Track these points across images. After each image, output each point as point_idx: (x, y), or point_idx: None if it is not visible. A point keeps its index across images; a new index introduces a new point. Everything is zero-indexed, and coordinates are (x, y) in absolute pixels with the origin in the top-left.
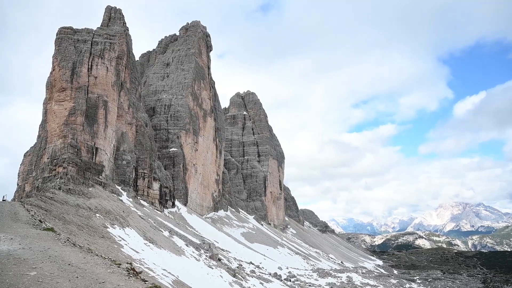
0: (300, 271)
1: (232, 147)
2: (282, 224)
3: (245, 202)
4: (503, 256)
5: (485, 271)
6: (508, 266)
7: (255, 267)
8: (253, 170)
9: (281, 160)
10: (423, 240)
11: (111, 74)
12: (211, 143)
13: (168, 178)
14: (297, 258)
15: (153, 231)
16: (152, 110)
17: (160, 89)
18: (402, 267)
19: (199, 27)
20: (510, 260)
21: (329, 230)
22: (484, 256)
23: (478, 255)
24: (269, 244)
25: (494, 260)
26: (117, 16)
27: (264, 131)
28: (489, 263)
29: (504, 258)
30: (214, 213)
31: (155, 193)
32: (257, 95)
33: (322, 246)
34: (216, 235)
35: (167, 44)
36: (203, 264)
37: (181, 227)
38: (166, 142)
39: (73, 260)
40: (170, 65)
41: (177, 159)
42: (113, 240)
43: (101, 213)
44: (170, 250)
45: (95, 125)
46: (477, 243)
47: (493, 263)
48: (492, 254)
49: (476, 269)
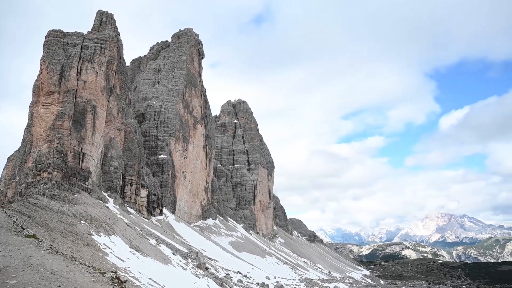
0: (288, 281)
1: (222, 155)
2: (271, 233)
3: (234, 210)
4: (486, 267)
5: (469, 282)
6: (491, 277)
7: (243, 277)
8: (243, 179)
9: (271, 169)
10: (409, 251)
11: (100, 79)
12: (201, 150)
13: (156, 185)
14: (285, 268)
15: (140, 239)
16: (142, 116)
17: (150, 95)
18: (388, 277)
19: (192, 34)
20: (493, 271)
21: (317, 240)
22: (468, 267)
23: (462, 265)
24: (257, 253)
25: (478, 271)
26: (108, 21)
27: (255, 139)
28: (473, 274)
29: (487, 269)
30: (202, 222)
31: (143, 201)
32: (248, 103)
33: (310, 256)
34: (204, 244)
35: (159, 50)
36: (190, 273)
37: (168, 235)
38: (155, 148)
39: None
40: (161, 72)
41: (166, 166)
42: (98, 248)
43: (86, 220)
44: (156, 258)
45: (82, 130)
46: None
47: (477, 274)
48: (476, 265)
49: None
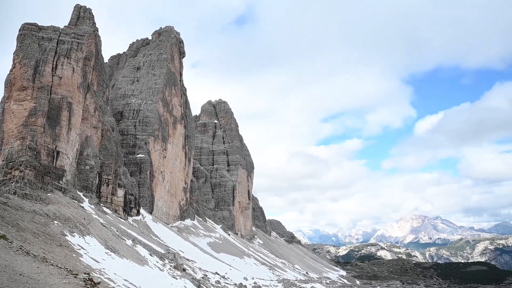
0: (266, 282)
1: (202, 155)
2: (249, 234)
3: (213, 211)
4: (457, 267)
5: (441, 282)
6: (461, 277)
7: (221, 278)
8: (222, 179)
9: (251, 170)
10: (384, 252)
11: (77, 75)
12: (180, 150)
13: (133, 185)
14: (263, 269)
15: (116, 239)
16: (120, 114)
17: (129, 93)
18: (364, 277)
19: (173, 32)
20: (463, 271)
21: (295, 241)
22: (440, 267)
23: (434, 266)
24: (236, 254)
25: (449, 271)
26: (86, 16)
27: (235, 140)
28: (444, 273)
29: (458, 269)
30: (180, 222)
31: (119, 200)
32: (228, 104)
33: (288, 257)
34: (182, 245)
35: (139, 47)
36: (167, 275)
37: (145, 236)
38: (133, 148)
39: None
40: (140, 69)
41: (144, 166)
42: (71, 249)
43: (60, 220)
44: (132, 259)
45: (57, 128)
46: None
47: (448, 274)
48: (447, 265)
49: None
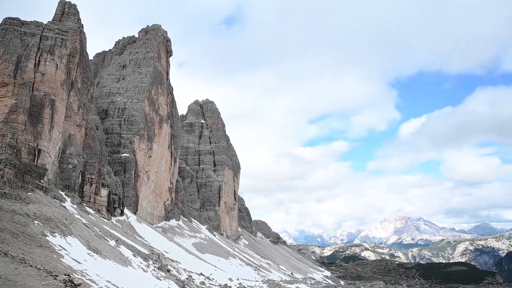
0: (251, 282)
1: (188, 155)
2: (235, 235)
3: (198, 211)
4: (438, 267)
5: (423, 282)
6: (442, 277)
7: (205, 279)
8: (208, 180)
9: (237, 171)
10: (368, 252)
11: (61, 72)
12: (166, 150)
13: (118, 185)
14: (248, 269)
15: (98, 240)
16: (105, 112)
17: (114, 92)
18: (348, 278)
19: (160, 31)
20: (444, 271)
21: (281, 242)
22: (422, 267)
23: (417, 266)
24: (221, 255)
25: (431, 271)
26: (71, 12)
27: (221, 140)
28: (426, 274)
29: (439, 269)
30: (165, 223)
31: (103, 200)
32: (215, 104)
33: (273, 257)
34: (166, 245)
35: (125, 45)
36: (150, 276)
37: (129, 237)
38: (117, 147)
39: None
40: (126, 67)
41: (129, 165)
42: (52, 250)
43: (40, 220)
44: (116, 260)
45: (39, 125)
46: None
47: (430, 274)
48: (429, 266)
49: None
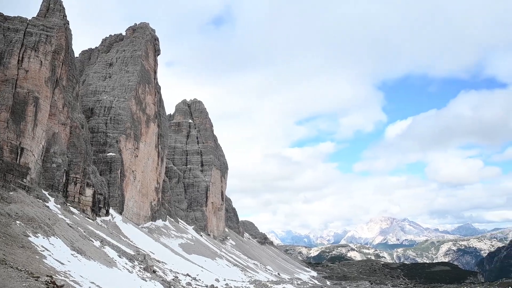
0: (238, 283)
1: (175, 155)
2: (222, 235)
3: (185, 212)
4: (422, 267)
5: (407, 282)
6: (426, 277)
7: (192, 279)
8: (195, 180)
9: (225, 171)
10: (354, 252)
11: (45, 69)
12: (152, 149)
13: (103, 185)
14: (235, 270)
15: (83, 240)
16: (90, 111)
17: (100, 90)
18: (334, 278)
19: (148, 29)
20: (428, 271)
21: (268, 242)
22: (407, 267)
23: (401, 266)
24: (208, 255)
25: (415, 271)
26: (56, 8)
27: (209, 140)
28: (410, 274)
29: (423, 269)
30: (151, 223)
31: (88, 200)
32: (203, 104)
33: (260, 258)
34: (153, 246)
35: (112, 43)
36: (136, 277)
37: (114, 237)
38: (103, 146)
39: None
40: (113, 66)
41: (115, 165)
42: (34, 251)
43: (23, 220)
44: (100, 261)
45: (22, 123)
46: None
47: (414, 274)
48: (413, 266)
49: (399, 280)
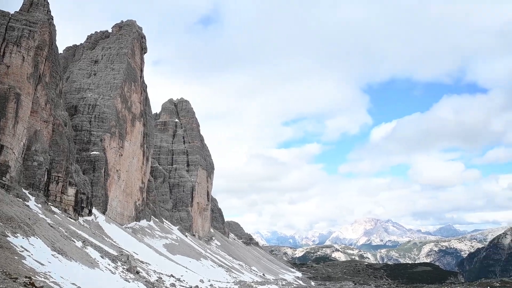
0: (222, 284)
1: (161, 154)
2: (207, 236)
3: (170, 212)
4: (405, 268)
5: (390, 282)
6: (408, 277)
7: (176, 280)
8: (181, 180)
9: (211, 171)
10: (339, 253)
11: (27, 65)
12: (138, 149)
13: (86, 184)
14: (220, 271)
15: (64, 241)
16: (74, 109)
17: (85, 87)
18: (319, 278)
19: (135, 26)
20: (410, 272)
21: (253, 243)
22: (390, 268)
23: (385, 267)
24: (192, 256)
25: (398, 271)
26: (40, 2)
27: (196, 140)
28: (393, 274)
29: (406, 270)
30: (135, 223)
31: (70, 200)
32: (190, 103)
33: (245, 259)
34: (136, 246)
35: (97, 40)
36: (119, 277)
37: (97, 237)
38: (87, 144)
39: None
40: (98, 63)
41: (99, 164)
42: (13, 251)
43: (1, 220)
44: (82, 262)
45: (2, 120)
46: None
47: (397, 274)
48: (396, 266)
49: (382, 280)
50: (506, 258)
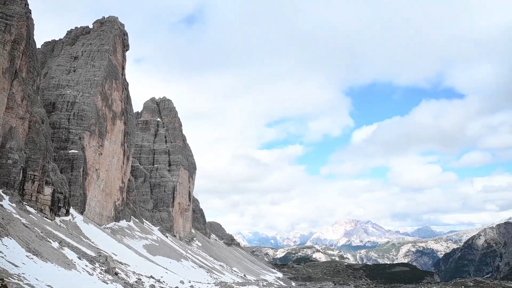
0: (203, 285)
1: (142, 154)
2: (188, 237)
3: (151, 212)
4: (383, 268)
5: (369, 282)
6: (386, 277)
7: (156, 281)
8: (162, 180)
9: (193, 171)
10: (319, 254)
11: (3, 59)
12: (118, 147)
13: (64, 183)
14: (201, 272)
15: (39, 241)
16: (52, 105)
17: (64, 84)
18: (299, 279)
19: (117, 23)
20: (389, 272)
21: (234, 243)
22: (369, 268)
23: (364, 267)
24: (173, 257)
25: (376, 271)
26: None
27: (178, 140)
28: (372, 274)
29: (384, 270)
30: (115, 223)
31: (46, 199)
32: (173, 102)
33: (226, 259)
34: (115, 247)
35: (77, 35)
36: (96, 279)
37: (74, 238)
38: (65, 142)
39: None
40: (78, 59)
41: (77, 163)
42: None
43: None
44: (58, 263)
45: None
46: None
47: (376, 274)
48: (375, 266)
49: (361, 280)
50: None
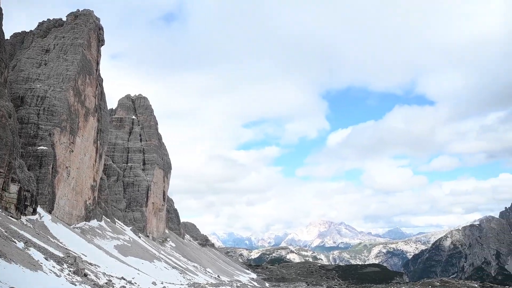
0: (176, 286)
1: (115, 152)
2: (162, 237)
3: (124, 212)
4: (355, 268)
5: (341, 282)
6: (358, 277)
7: (127, 283)
8: (136, 179)
9: (168, 171)
10: (293, 255)
11: None
12: (90, 145)
13: (31, 181)
14: (174, 273)
15: (3, 241)
16: (20, 100)
17: (33, 77)
18: (273, 280)
19: (92, 17)
20: (360, 272)
21: (209, 244)
22: (341, 269)
23: (336, 268)
24: (145, 257)
25: (349, 272)
26: None
27: (153, 138)
28: (344, 275)
29: (356, 271)
30: (85, 223)
31: (12, 197)
32: (149, 100)
33: (200, 260)
34: (85, 248)
35: (50, 28)
36: (64, 281)
37: (41, 238)
38: (34, 138)
39: None
40: (50, 52)
41: (46, 160)
42: None
43: None
44: (23, 264)
45: None
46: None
47: (348, 275)
48: (347, 267)
49: (334, 281)
50: (446, 259)
